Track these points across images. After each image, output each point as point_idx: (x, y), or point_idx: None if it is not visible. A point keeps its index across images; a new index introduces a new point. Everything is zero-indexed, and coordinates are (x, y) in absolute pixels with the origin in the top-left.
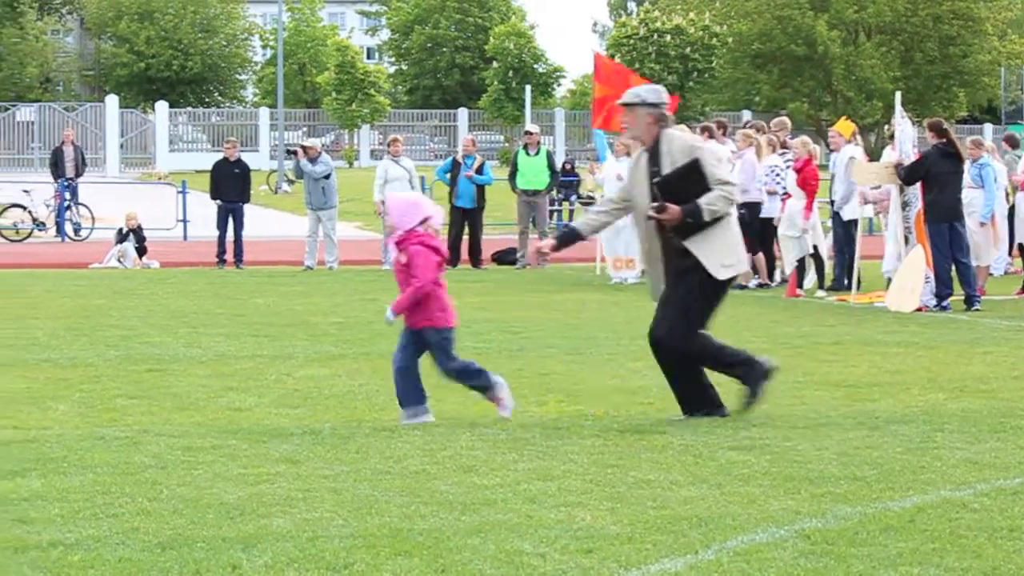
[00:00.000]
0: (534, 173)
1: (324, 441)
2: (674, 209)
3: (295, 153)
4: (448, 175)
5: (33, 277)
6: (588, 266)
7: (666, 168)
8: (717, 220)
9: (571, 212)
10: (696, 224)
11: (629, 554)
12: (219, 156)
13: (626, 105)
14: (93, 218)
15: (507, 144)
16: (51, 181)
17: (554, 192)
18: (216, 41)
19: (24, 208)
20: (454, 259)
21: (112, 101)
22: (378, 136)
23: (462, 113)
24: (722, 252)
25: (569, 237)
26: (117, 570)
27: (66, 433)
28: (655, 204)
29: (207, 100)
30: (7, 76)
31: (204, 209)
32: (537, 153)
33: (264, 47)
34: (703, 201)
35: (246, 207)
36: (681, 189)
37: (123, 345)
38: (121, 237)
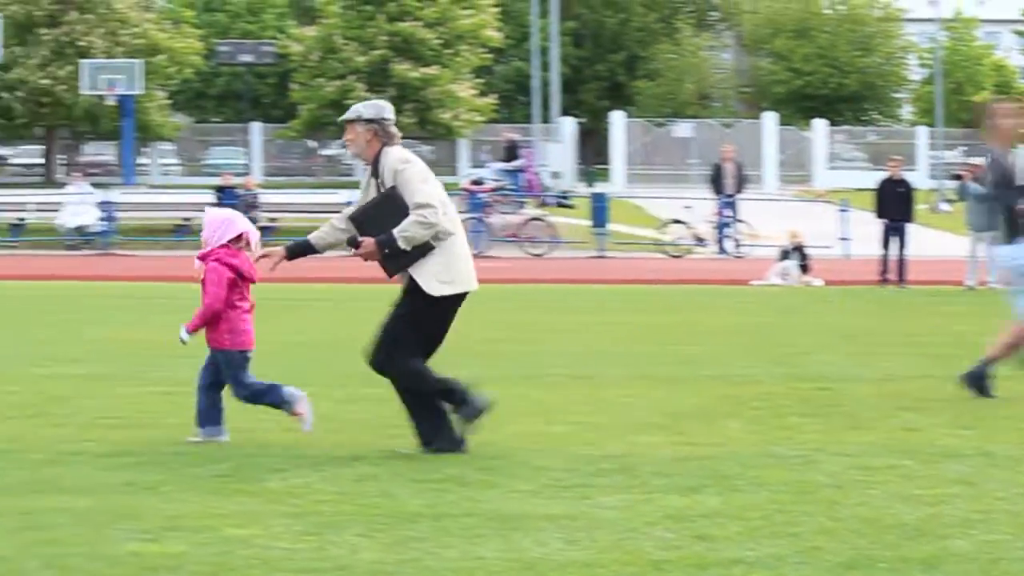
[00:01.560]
0: None
1: (998, 463)
2: (368, 242)
3: (960, 177)
4: None
5: (694, 294)
6: None
7: (387, 187)
8: (434, 243)
9: None
10: (400, 253)
11: None
12: (878, 174)
13: (346, 122)
14: (753, 235)
15: None
16: (711, 197)
17: None
18: (872, 59)
19: (685, 224)
20: None
21: (770, 118)
22: None
23: None
24: (438, 269)
25: (301, 249)
26: None
27: (740, 450)
28: (351, 238)
29: (863, 118)
30: (664, 92)
31: (864, 227)
32: None
33: (921, 66)
34: (398, 230)
35: (909, 226)
36: (379, 220)
37: (790, 362)
38: (784, 254)
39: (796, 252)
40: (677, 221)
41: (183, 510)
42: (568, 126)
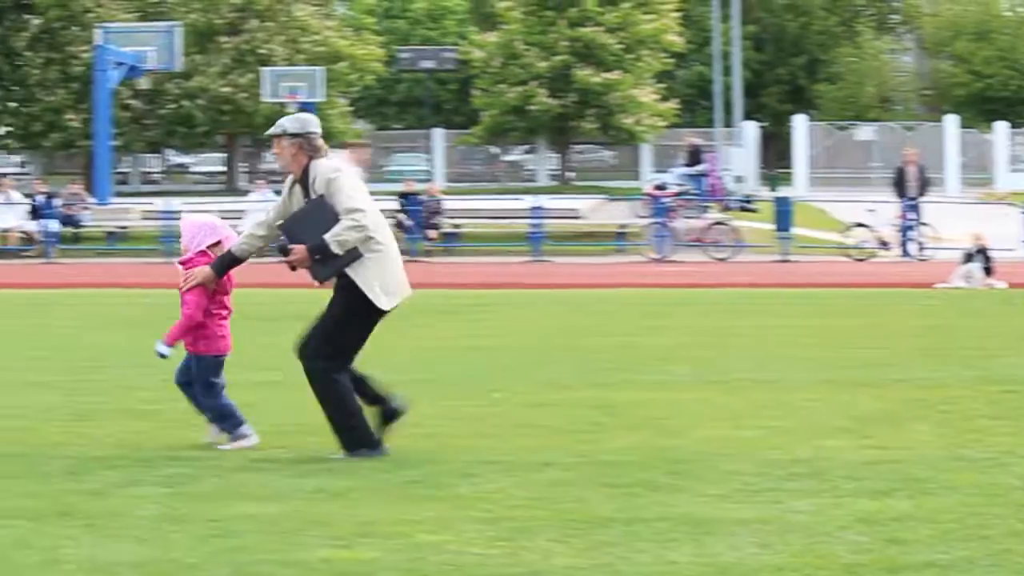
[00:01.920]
0: None
1: None
2: (299, 249)
3: None
4: None
5: (877, 297)
6: None
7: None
8: (369, 251)
9: None
10: (331, 258)
11: None
12: None
13: (272, 136)
14: (936, 238)
15: None
16: (894, 200)
17: None
18: None
19: (868, 227)
20: None
21: (951, 120)
22: None
23: None
24: (382, 279)
25: (227, 262)
26: None
27: (929, 454)
28: (281, 246)
29: None
30: (845, 95)
31: None
32: None
33: None
34: (330, 235)
35: None
36: (309, 228)
37: (976, 365)
38: (968, 257)
39: (980, 255)
40: (860, 224)
41: (374, 516)
42: (750, 130)
